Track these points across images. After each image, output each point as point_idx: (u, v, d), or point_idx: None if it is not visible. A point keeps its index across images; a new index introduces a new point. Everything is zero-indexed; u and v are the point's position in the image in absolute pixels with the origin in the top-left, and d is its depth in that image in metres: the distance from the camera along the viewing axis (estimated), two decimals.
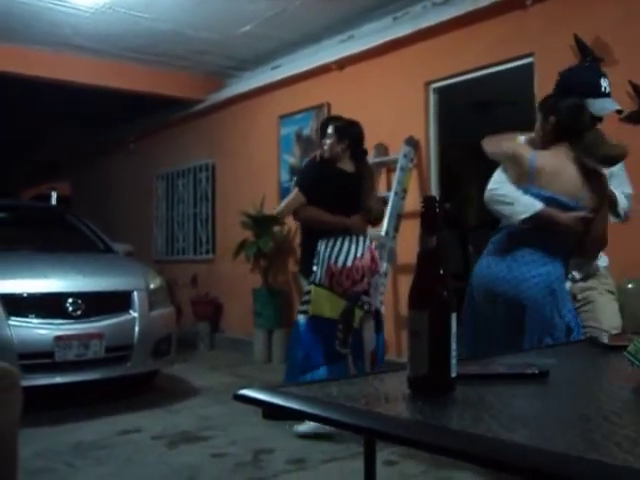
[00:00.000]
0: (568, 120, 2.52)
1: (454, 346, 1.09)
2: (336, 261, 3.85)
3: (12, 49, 6.58)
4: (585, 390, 1.24)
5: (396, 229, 5.45)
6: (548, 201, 2.45)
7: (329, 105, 6.42)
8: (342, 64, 6.25)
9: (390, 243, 5.39)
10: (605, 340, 1.70)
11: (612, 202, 2.62)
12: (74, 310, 4.46)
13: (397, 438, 0.91)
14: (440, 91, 5.57)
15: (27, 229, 6.23)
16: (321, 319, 3.83)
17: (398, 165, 5.51)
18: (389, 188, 5.69)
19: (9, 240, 5.72)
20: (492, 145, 2.71)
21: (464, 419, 0.99)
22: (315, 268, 3.90)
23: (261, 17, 5.90)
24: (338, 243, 3.90)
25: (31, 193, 13.68)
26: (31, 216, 6.55)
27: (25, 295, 4.45)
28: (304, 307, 3.92)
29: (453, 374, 1.10)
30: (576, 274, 2.79)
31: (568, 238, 2.48)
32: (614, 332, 2.53)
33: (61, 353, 4.32)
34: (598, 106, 2.55)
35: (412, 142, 5.56)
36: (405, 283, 5.44)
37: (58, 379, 4.37)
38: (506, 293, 2.44)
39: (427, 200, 1.14)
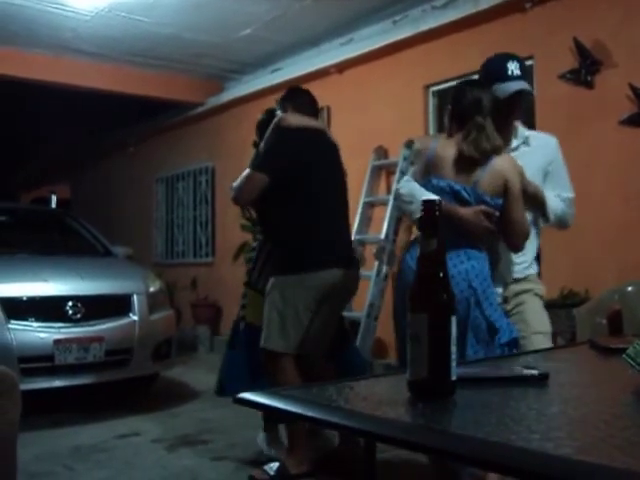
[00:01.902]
0: (454, 106, 2.52)
1: (454, 349, 1.09)
2: None
3: (13, 52, 6.59)
4: (585, 393, 1.24)
5: (396, 232, 5.45)
6: (443, 190, 2.43)
7: (329, 108, 6.43)
8: (342, 67, 6.26)
9: (390, 246, 5.40)
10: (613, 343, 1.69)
11: (540, 202, 2.56)
12: (74, 313, 4.46)
13: (398, 441, 0.91)
14: (440, 94, 5.57)
15: (27, 232, 6.24)
16: (258, 328, 3.26)
17: (398, 168, 5.51)
18: (389, 191, 5.69)
19: (9, 243, 5.72)
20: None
21: (464, 422, 0.99)
22: (253, 267, 3.55)
23: (261, 20, 5.90)
24: None
25: (31, 196, 13.68)
26: (31, 219, 6.56)
27: (25, 299, 4.44)
28: (243, 312, 3.56)
29: (453, 377, 1.10)
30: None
31: (482, 233, 2.43)
32: (540, 336, 2.51)
33: (61, 357, 4.31)
34: (502, 89, 2.51)
35: (412, 145, 5.57)
36: None
37: (58, 383, 4.37)
38: None
39: (427, 203, 1.14)
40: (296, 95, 3.54)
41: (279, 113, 3.36)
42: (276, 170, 3.10)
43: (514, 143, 2.63)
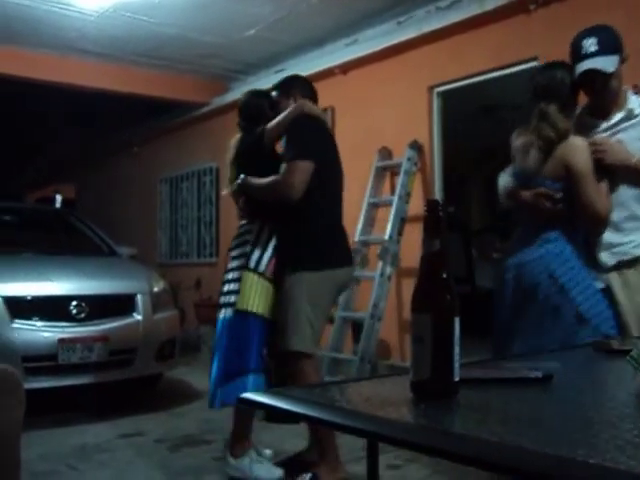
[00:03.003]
0: (533, 89, 2.51)
1: (457, 350, 1.09)
2: None
3: (18, 52, 6.61)
4: (589, 394, 1.23)
5: (400, 233, 5.45)
6: (515, 176, 2.51)
7: (333, 109, 6.43)
8: (346, 68, 6.26)
9: (394, 247, 5.39)
10: (616, 345, 1.69)
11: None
12: (78, 313, 4.47)
13: (400, 442, 0.91)
14: (444, 95, 5.57)
15: (31, 232, 6.25)
16: (251, 316, 3.08)
17: (402, 169, 5.51)
18: (393, 192, 5.69)
19: (14, 243, 5.74)
20: None
21: (467, 423, 0.99)
22: (252, 250, 3.17)
23: (266, 21, 5.91)
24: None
25: (36, 196, 13.71)
26: (35, 219, 6.57)
27: (29, 298, 4.45)
28: (230, 298, 3.16)
29: (456, 378, 1.10)
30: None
31: (546, 215, 2.40)
32: None
33: (65, 356, 4.32)
34: (577, 71, 2.45)
35: (416, 146, 5.57)
36: (408, 287, 5.44)
37: (61, 382, 4.37)
38: (513, 278, 2.43)
39: (430, 203, 1.14)
40: (302, 83, 3.44)
41: (285, 100, 3.28)
42: (319, 154, 3.00)
43: (616, 117, 2.49)
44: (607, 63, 2.41)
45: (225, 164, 3.59)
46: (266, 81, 7.14)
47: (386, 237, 5.39)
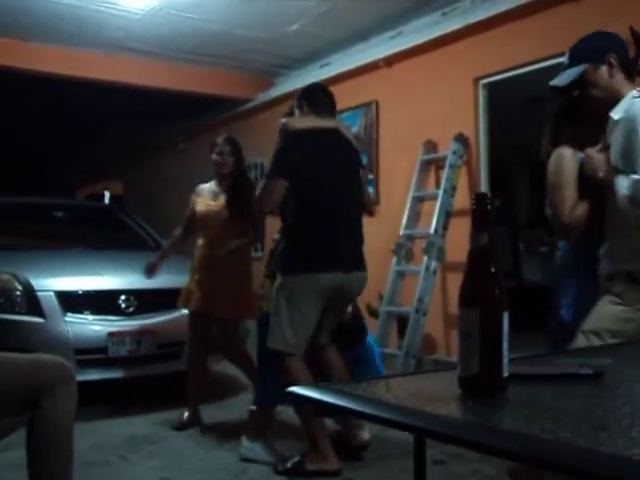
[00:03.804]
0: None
1: (506, 345, 1.08)
2: None
3: (67, 52, 6.75)
4: None
5: (445, 227, 5.40)
6: None
7: (377, 103, 6.40)
8: (390, 61, 6.22)
9: (439, 241, 5.35)
10: None
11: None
12: (127, 307, 4.55)
13: (449, 437, 0.90)
14: (490, 87, 5.49)
15: (82, 227, 6.39)
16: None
17: (447, 162, 5.46)
18: (438, 185, 5.64)
19: (65, 238, 5.87)
20: None
21: (517, 419, 0.97)
22: (275, 259, 3.56)
23: (310, 15, 5.91)
24: None
25: (86, 192, 14.01)
26: (86, 215, 6.72)
27: (80, 292, 4.55)
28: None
29: (505, 374, 1.08)
30: None
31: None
32: None
33: (114, 349, 4.41)
34: None
35: (461, 139, 5.50)
36: (454, 282, 5.39)
37: (111, 374, 4.47)
38: None
39: (478, 197, 1.13)
40: (312, 93, 3.54)
41: (296, 111, 3.47)
42: (293, 170, 3.17)
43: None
44: (563, 77, 2.33)
45: None
46: (310, 76, 7.15)
47: (431, 231, 5.35)
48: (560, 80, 2.35)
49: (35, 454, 2.12)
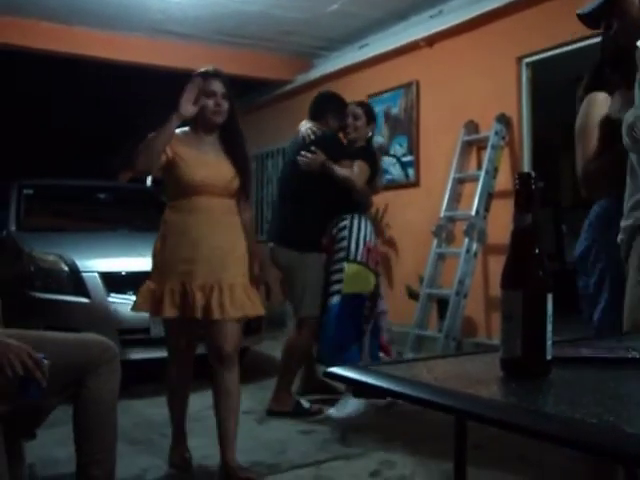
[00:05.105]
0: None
1: (550, 327, 1.06)
2: (371, 237, 4.03)
3: (109, 36, 6.82)
4: None
5: (486, 209, 5.34)
6: None
7: (418, 83, 6.33)
8: (431, 41, 6.13)
9: (480, 223, 5.29)
10: None
11: None
12: None
13: (491, 420, 0.89)
14: (534, 65, 5.37)
15: (125, 209, 6.49)
16: (354, 297, 3.92)
17: (489, 143, 5.38)
18: (479, 167, 5.57)
19: (109, 220, 5.97)
20: None
21: (561, 402, 0.95)
22: (347, 244, 3.94)
23: None
24: (368, 220, 4.14)
25: (128, 176, 14.18)
26: (128, 197, 6.81)
27: (124, 273, 4.63)
28: (337, 287, 3.93)
29: (548, 356, 1.06)
30: None
31: None
32: None
33: (156, 329, 4.46)
34: None
35: (504, 119, 5.41)
36: (495, 264, 5.33)
37: (153, 354, 4.53)
38: None
39: (522, 177, 1.10)
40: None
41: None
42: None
43: None
44: (589, 5, 2.15)
45: None
46: (350, 57, 7.11)
47: (472, 213, 5.29)
48: (586, 8, 2.14)
49: (81, 431, 2.18)
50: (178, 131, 3.03)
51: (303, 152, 3.91)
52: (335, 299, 3.90)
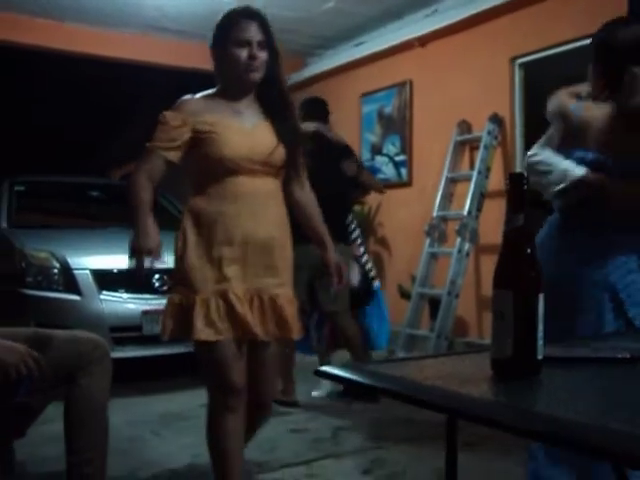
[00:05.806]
0: (601, 55, 2.07)
1: (540, 327, 1.06)
2: None
3: (102, 33, 6.78)
4: None
5: (479, 208, 5.35)
6: (594, 165, 1.91)
7: (411, 82, 6.34)
8: (425, 40, 6.13)
9: (472, 223, 5.30)
10: None
11: None
12: (161, 285, 4.60)
13: (482, 419, 0.90)
14: (527, 66, 5.39)
15: (117, 207, 6.46)
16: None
17: (482, 143, 5.39)
18: (472, 166, 5.58)
19: (101, 217, 5.95)
20: (551, 102, 2.19)
21: (551, 402, 0.96)
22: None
23: None
24: None
25: (120, 173, 14.15)
26: (120, 195, 6.78)
27: (115, 271, 4.61)
28: (373, 272, 4.49)
29: (539, 356, 1.07)
30: None
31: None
32: None
33: (148, 327, 4.47)
34: None
35: (496, 119, 5.43)
36: (487, 264, 5.34)
37: (145, 352, 4.53)
38: None
39: (514, 177, 1.11)
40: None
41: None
42: None
43: None
44: None
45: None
46: (344, 55, 7.10)
47: (465, 213, 5.30)
48: None
49: (71, 428, 2.17)
50: (200, 96, 2.52)
51: (348, 161, 4.35)
52: (377, 283, 4.45)
